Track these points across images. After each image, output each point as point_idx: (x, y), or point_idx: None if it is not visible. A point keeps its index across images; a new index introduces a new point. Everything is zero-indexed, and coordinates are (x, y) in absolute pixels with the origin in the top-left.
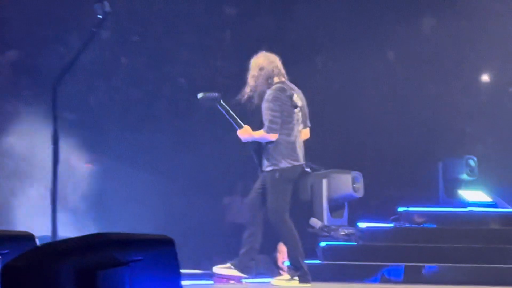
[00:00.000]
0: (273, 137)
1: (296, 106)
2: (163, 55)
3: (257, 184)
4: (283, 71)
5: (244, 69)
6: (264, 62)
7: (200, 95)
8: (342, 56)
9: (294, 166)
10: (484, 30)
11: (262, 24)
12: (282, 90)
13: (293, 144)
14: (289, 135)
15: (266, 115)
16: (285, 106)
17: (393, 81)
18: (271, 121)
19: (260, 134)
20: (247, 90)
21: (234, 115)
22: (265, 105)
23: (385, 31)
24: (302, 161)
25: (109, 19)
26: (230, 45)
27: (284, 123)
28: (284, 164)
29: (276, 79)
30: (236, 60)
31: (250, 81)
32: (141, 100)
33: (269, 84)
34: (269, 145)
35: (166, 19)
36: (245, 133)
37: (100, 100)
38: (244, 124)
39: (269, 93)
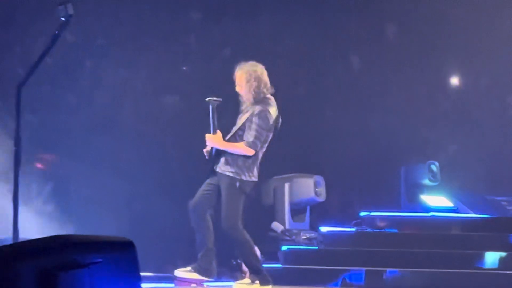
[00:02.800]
0: (250, 153)
1: (276, 128)
2: (128, 59)
3: (204, 187)
4: (265, 76)
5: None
6: (254, 72)
7: (208, 99)
8: (306, 62)
9: (252, 182)
10: (448, 39)
11: (226, 29)
12: (269, 103)
13: (257, 161)
14: (261, 152)
15: (253, 130)
16: (269, 126)
17: (357, 88)
18: (256, 137)
19: (238, 147)
20: (243, 100)
21: (215, 120)
22: (254, 120)
23: (349, 38)
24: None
25: (73, 22)
26: (196, 50)
27: (260, 136)
28: (246, 177)
29: (267, 91)
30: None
31: (243, 90)
32: (106, 103)
33: (259, 95)
34: (240, 155)
35: (131, 23)
36: (215, 139)
37: (64, 103)
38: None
39: (261, 110)
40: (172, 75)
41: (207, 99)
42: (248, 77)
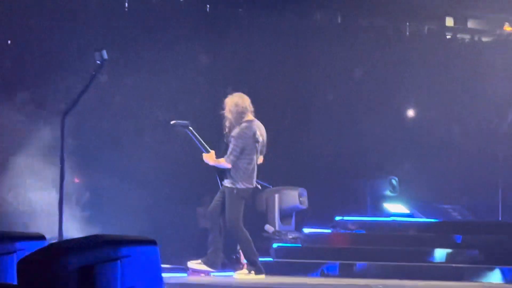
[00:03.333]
0: (228, 165)
1: (257, 141)
2: (149, 93)
3: (217, 196)
4: (252, 109)
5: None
6: (239, 100)
7: (172, 122)
8: (292, 95)
9: (247, 188)
10: (407, 76)
11: (228, 70)
12: (247, 128)
13: (251, 171)
14: (249, 164)
15: (230, 148)
16: (248, 141)
17: (332, 117)
18: (231, 153)
19: (221, 162)
20: (227, 123)
21: (201, 141)
22: (232, 140)
23: (327, 77)
24: (254, 184)
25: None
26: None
27: (246, 154)
28: (240, 185)
29: (247, 116)
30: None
31: (228, 115)
32: (131, 130)
33: (241, 119)
34: (232, 169)
35: (151, 65)
36: (209, 158)
37: (98, 129)
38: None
39: (236, 131)
40: (184, 106)
41: (171, 123)
42: (231, 105)
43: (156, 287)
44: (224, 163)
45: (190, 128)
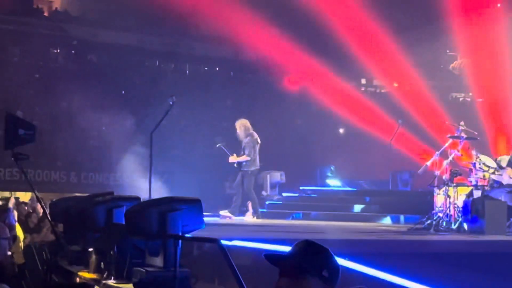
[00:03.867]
0: (247, 158)
1: (258, 143)
2: (199, 121)
3: (239, 176)
4: (250, 126)
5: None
6: (245, 124)
7: (218, 145)
8: (264, 118)
9: (256, 170)
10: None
11: (232, 106)
12: (252, 135)
13: (257, 161)
14: (255, 156)
15: (247, 149)
16: (255, 145)
17: (295, 132)
18: (249, 153)
19: (243, 158)
20: (240, 137)
21: (226, 150)
22: (247, 145)
23: (290, 113)
24: (259, 167)
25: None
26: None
27: (254, 153)
28: (251, 168)
29: (250, 130)
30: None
31: (239, 132)
32: (187, 140)
33: (247, 132)
34: (250, 160)
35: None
36: (233, 159)
37: (170, 142)
38: (232, 153)
39: (248, 140)
40: (217, 128)
41: (217, 145)
42: (240, 126)
43: (200, 226)
44: (245, 158)
45: (223, 146)
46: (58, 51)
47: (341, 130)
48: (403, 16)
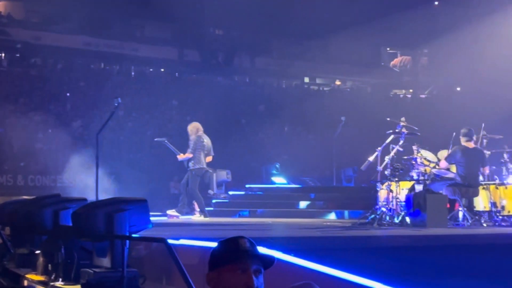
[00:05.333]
0: (189, 156)
1: (206, 145)
2: (145, 122)
3: (186, 175)
4: (202, 128)
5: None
6: (197, 125)
7: (156, 139)
8: (215, 125)
9: (202, 168)
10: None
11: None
12: (199, 137)
13: (203, 160)
14: (200, 156)
15: (190, 147)
16: (200, 144)
17: (242, 133)
18: (191, 151)
19: (186, 155)
20: (191, 137)
21: (174, 148)
22: (191, 143)
23: (238, 114)
24: (205, 166)
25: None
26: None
27: (200, 151)
28: (196, 167)
29: (199, 132)
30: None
31: (190, 133)
32: (134, 141)
33: (197, 133)
34: (191, 159)
35: (138, 98)
36: (181, 157)
37: (116, 141)
38: (177, 149)
39: (193, 138)
40: (164, 128)
41: (155, 140)
42: (191, 128)
43: (147, 226)
44: (188, 155)
45: (166, 141)
46: (3, 54)
47: (286, 128)
48: (343, 13)
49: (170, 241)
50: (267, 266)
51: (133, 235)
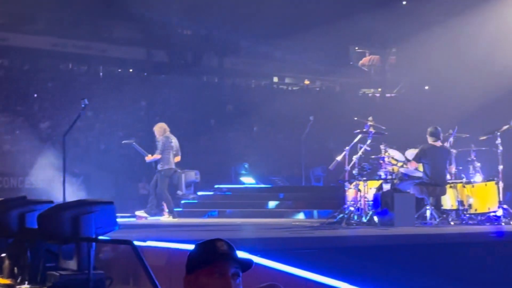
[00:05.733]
0: (157, 157)
1: (173, 145)
2: (113, 123)
3: (155, 176)
4: (168, 129)
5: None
6: (163, 126)
7: (123, 142)
8: (185, 123)
9: (170, 169)
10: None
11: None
12: (167, 138)
13: (171, 161)
14: (168, 156)
15: (157, 148)
16: (169, 145)
17: (212, 133)
18: (160, 152)
19: (154, 156)
20: (158, 138)
21: (142, 150)
22: (158, 144)
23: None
24: (174, 167)
25: (88, 106)
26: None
27: (168, 152)
28: (165, 168)
29: (166, 133)
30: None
31: (157, 134)
32: (102, 141)
33: (164, 134)
34: (160, 160)
35: (105, 102)
36: (149, 158)
37: (84, 142)
38: (145, 151)
39: (161, 139)
40: (132, 129)
41: (123, 142)
42: (158, 128)
43: (114, 228)
44: (156, 156)
45: (134, 143)
46: None
47: (255, 128)
48: (312, 13)
49: (136, 242)
50: (245, 270)
51: (99, 237)
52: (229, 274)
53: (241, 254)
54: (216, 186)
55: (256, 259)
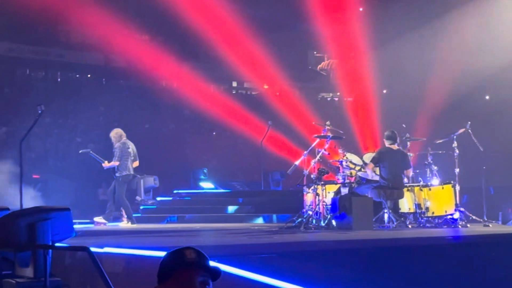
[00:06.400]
0: (115, 164)
1: (131, 151)
2: (72, 128)
3: (113, 182)
4: (125, 134)
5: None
6: (119, 131)
7: (80, 151)
8: (145, 127)
9: (128, 175)
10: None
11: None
12: (124, 143)
13: (129, 167)
14: (126, 162)
15: (115, 155)
16: (126, 151)
17: (172, 140)
18: (117, 158)
19: (112, 163)
20: (115, 144)
21: (99, 157)
22: (115, 151)
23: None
24: (132, 172)
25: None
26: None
27: (124, 159)
28: (123, 174)
29: (123, 139)
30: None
31: (114, 140)
32: (60, 148)
33: (121, 140)
34: (117, 166)
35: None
36: (106, 164)
37: (42, 148)
38: (103, 159)
39: (117, 146)
40: (90, 135)
41: (80, 152)
42: (114, 134)
43: (71, 234)
44: (114, 163)
45: (91, 152)
46: None
47: (214, 133)
48: (269, 17)
49: (93, 249)
50: (215, 278)
51: (56, 244)
52: (195, 283)
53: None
54: (175, 191)
55: (215, 264)
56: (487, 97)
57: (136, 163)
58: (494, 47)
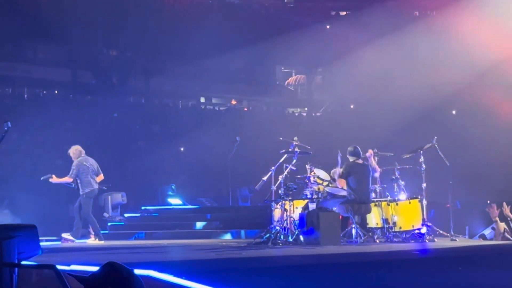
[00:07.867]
0: (67, 180)
1: (89, 166)
2: (39, 144)
3: (78, 199)
4: (83, 151)
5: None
6: (78, 148)
7: (41, 178)
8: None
9: (93, 190)
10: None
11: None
12: (80, 162)
13: (92, 183)
14: (89, 178)
15: (73, 172)
16: (84, 169)
17: (141, 156)
18: (70, 175)
19: (64, 179)
20: (73, 160)
21: (60, 180)
22: (72, 167)
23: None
24: (96, 187)
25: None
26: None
27: (86, 175)
28: (87, 190)
29: (81, 156)
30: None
31: (73, 156)
32: (27, 164)
33: (80, 155)
34: (80, 183)
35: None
36: (54, 180)
37: (9, 164)
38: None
39: (75, 163)
40: (55, 150)
41: (41, 178)
42: (73, 151)
43: (37, 252)
44: (68, 179)
45: (52, 177)
46: None
47: (182, 149)
48: (236, 34)
49: (60, 267)
50: None
51: (22, 262)
52: None
53: (154, 274)
54: (143, 207)
55: (183, 281)
56: (454, 112)
57: (101, 177)
58: (457, 63)
